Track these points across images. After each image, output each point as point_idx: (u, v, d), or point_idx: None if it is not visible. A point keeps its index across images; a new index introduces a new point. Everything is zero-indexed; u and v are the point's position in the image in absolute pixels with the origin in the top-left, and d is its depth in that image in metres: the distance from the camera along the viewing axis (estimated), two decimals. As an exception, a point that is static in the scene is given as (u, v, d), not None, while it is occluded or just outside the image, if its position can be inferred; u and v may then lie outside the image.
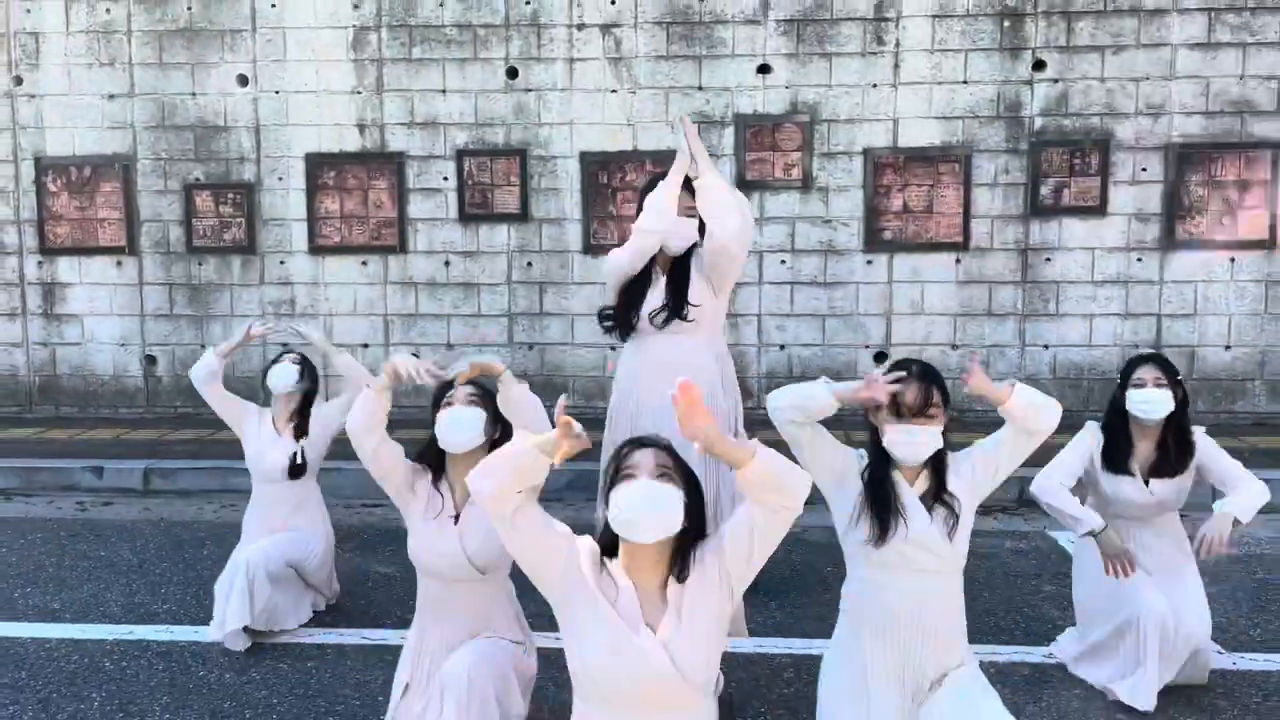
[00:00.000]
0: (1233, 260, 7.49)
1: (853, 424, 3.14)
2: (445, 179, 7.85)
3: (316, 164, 7.88)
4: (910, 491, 2.72)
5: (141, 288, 8.10)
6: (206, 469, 6.50)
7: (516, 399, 2.94)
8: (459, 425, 2.90)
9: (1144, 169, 7.47)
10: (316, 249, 7.95)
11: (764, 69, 7.63)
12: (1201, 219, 7.46)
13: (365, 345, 8.00)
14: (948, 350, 7.70)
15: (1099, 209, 7.50)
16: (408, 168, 7.85)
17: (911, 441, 2.66)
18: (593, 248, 7.75)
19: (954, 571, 2.75)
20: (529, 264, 7.86)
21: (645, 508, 2.16)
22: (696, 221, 3.63)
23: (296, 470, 4.26)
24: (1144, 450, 3.51)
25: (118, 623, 4.31)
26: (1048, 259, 7.58)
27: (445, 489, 3.01)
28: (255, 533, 4.30)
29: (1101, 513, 3.44)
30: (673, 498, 2.18)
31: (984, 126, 7.55)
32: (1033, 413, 2.72)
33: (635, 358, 3.81)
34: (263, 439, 4.32)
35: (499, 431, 2.96)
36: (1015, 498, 5.86)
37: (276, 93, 7.88)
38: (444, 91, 7.80)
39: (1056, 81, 7.49)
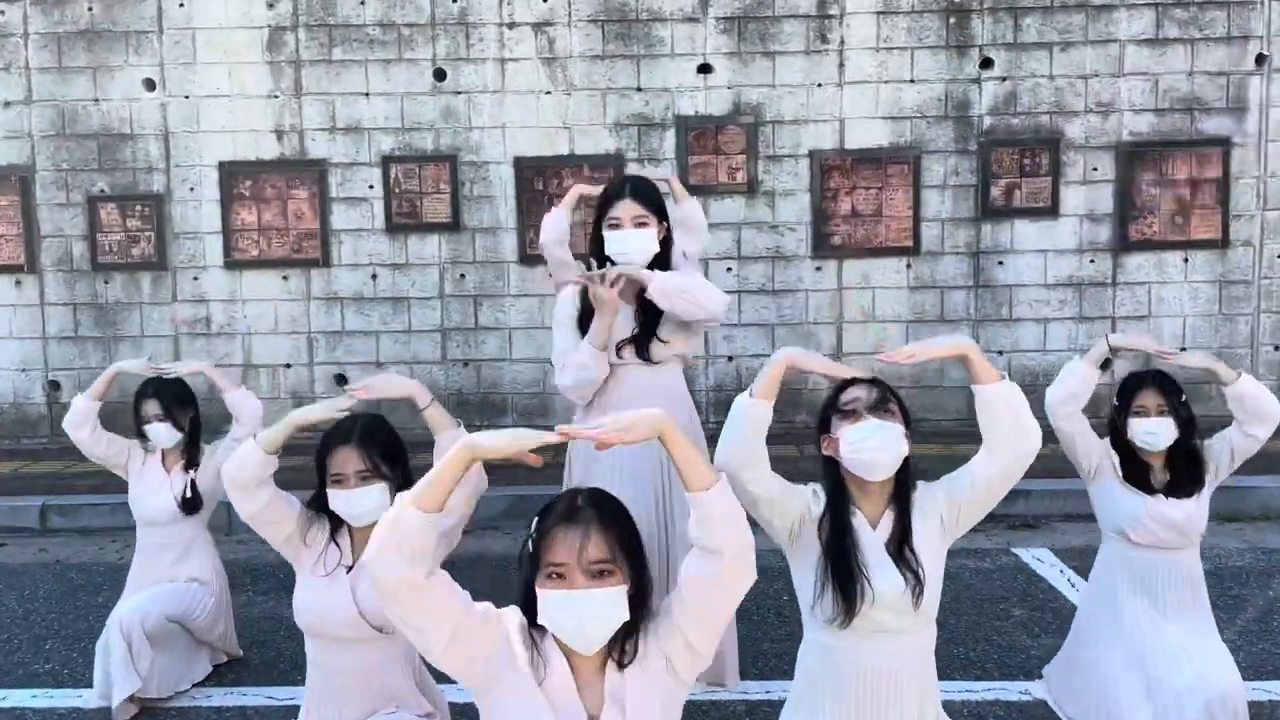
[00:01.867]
0: (1186, 260, 7.33)
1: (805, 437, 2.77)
2: (370, 187, 7.41)
3: (231, 173, 7.39)
4: (874, 541, 2.37)
5: (43, 308, 7.54)
6: (111, 505, 5.95)
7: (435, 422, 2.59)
8: (358, 507, 2.53)
9: (1095, 168, 7.28)
10: (233, 263, 7.45)
11: (705, 69, 7.32)
12: (1154, 219, 7.29)
13: (288, 365, 7.52)
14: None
15: (1050, 210, 7.30)
16: (330, 176, 7.40)
17: (871, 444, 2.30)
18: (529, 258, 7.36)
19: (925, 628, 2.40)
20: (462, 276, 7.45)
21: (580, 621, 1.79)
22: (653, 232, 3.20)
23: (190, 504, 3.79)
24: (1155, 469, 3.21)
25: (-9, 687, 3.82)
26: (1000, 262, 7.35)
27: (345, 541, 2.61)
28: (140, 583, 3.83)
29: (1121, 536, 3.14)
30: (612, 603, 1.79)
31: (932, 126, 7.31)
32: (1015, 411, 2.36)
33: (600, 390, 3.32)
34: (146, 480, 3.85)
35: (402, 485, 2.57)
36: (977, 513, 5.56)
37: (186, 97, 7.39)
38: (367, 95, 7.37)
39: (1005, 80, 7.27)
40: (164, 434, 3.79)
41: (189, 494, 3.79)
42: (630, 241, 3.14)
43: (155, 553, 3.82)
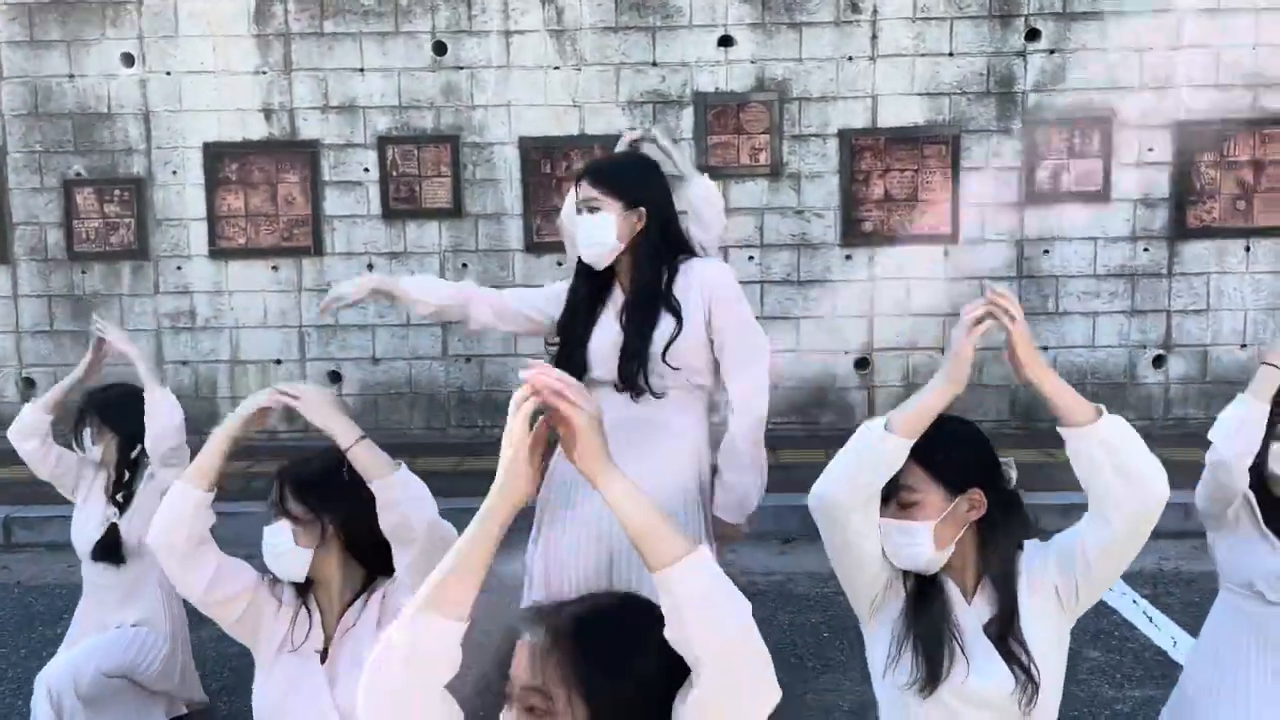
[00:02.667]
0: (1248, 249, 6.77)
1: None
2: (366, 170, 6.89)
3: (216, 155, 6.88)
4: (970, 621, 1.85)
5: (16, 300, 7.05)
6: (79, 517, 5.49)
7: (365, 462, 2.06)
8: (269, 548, 2.05)
9: (1150, 149, 6.72)
10: (219, 252, 6.94)
11: (726, 41, 6.76)
12: (1214, 203, 6.73)
13: (278, 361, 7.02)
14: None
15: (1101, 194, 6.74)
16: (322, 158, 6.88)
17: (892, 543, 1.84)
18: (536, 246, 6.83)
19: None
20: (464, 265, 6.93)
21: None
22: (609, 217, 2.54)
23: (105, 550, 3.18)
24: None
25: (-81, 744, 3.34)
26: (1045, 251, 6.81)
27: (314, 608, 2.10)
28: (84, 627, 3.32)
29: (1252, 592, 2.58)
30: None
31: (973, 104, 6.75)
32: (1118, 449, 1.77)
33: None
34: (88, 509, 3.32)
35: (349, 533, 2.08)
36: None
37: (168, 74, 6.87)
38: (362, 70, 6.84)
39: (1052, 53, 6.71)
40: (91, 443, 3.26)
41: (105, 537, 3.18)
42: (582, 230, 2.55)
43: (96, 592, 3.30)
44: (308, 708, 2.01)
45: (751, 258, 6.87)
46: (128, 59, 6.90)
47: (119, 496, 3.23)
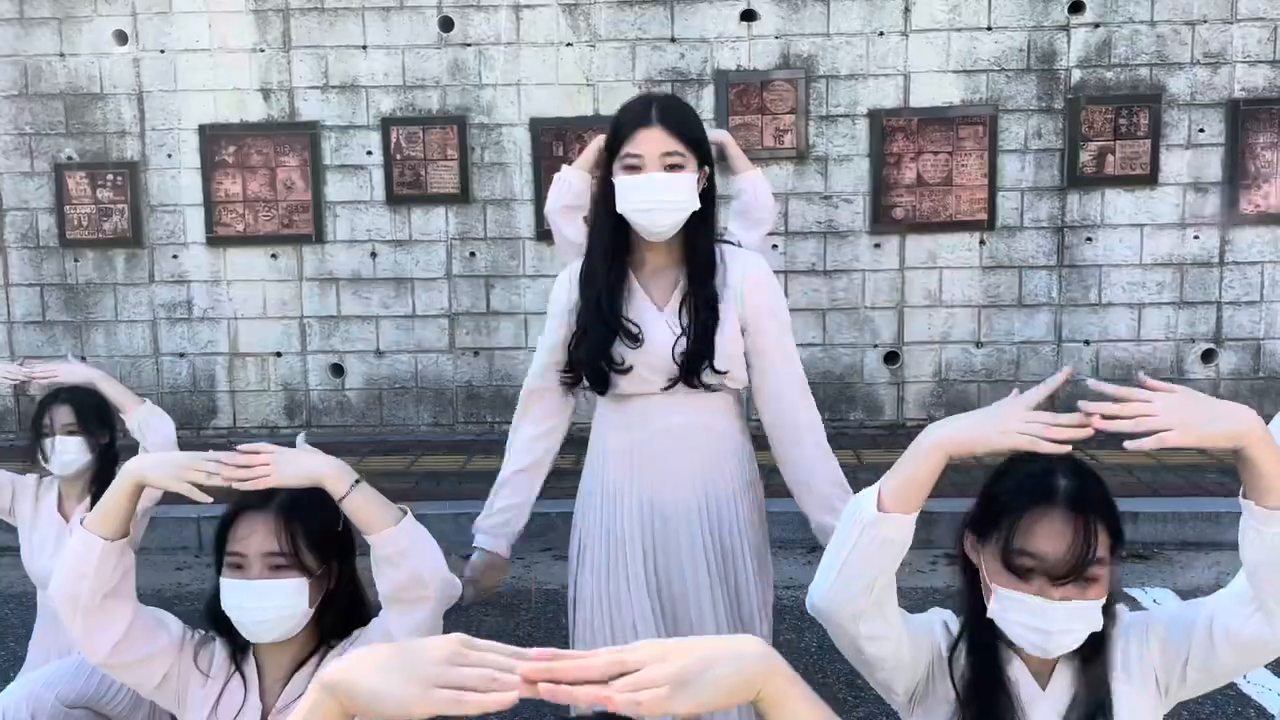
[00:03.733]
0: (1306, 237, 6.36)
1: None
2: (369, 153, 6.58)
3: (213, 137, 6.58)
4: (1038, 697, 1.50)
5: (7, 290, 6.79)
6: (63, 520, 5.22)
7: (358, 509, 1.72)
8: (256, 606, 1.69)
9: (1201, 129, 6.32)
10: (216, 239, 6.65)
11: (749, 16, 6.40)
12: (1269, 188, 6.34)
13: (278, 354, 6.73)
14: (971, 349, 6.52)
15: (1149, 178, 6.36)
16: (323, 140, 6.57)
17: (1045, 628, 1.44)
18: (547, 233, 6.47)
19: None
20: (472, 254, 6.61)
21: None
22: (691, 179, 2.08)
23: None
24: None
25: None
26: (1088, 238, 6.43)
27: (251, 673, 1.76)
28: (44, 653, 3.00)
29: None
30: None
31: (1012, 81, 6.36)
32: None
33: (613, 430, 2.26)
34: (41, 531, 2.99)
35: (332, 596, 1.74)
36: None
37: (162, 52, 6.57)
38: (364, 48, 6.52)
39: (1097, 26, 6.31)
40: (72, 452, 2.86)
41: None
42: (657, 191, 2.05)
43: (57, 620, 2.98)
44: None
45: (775, 246, 6.50)
46: (120, 37, 6.60)
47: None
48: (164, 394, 6.67)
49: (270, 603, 1.68)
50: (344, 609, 1.77)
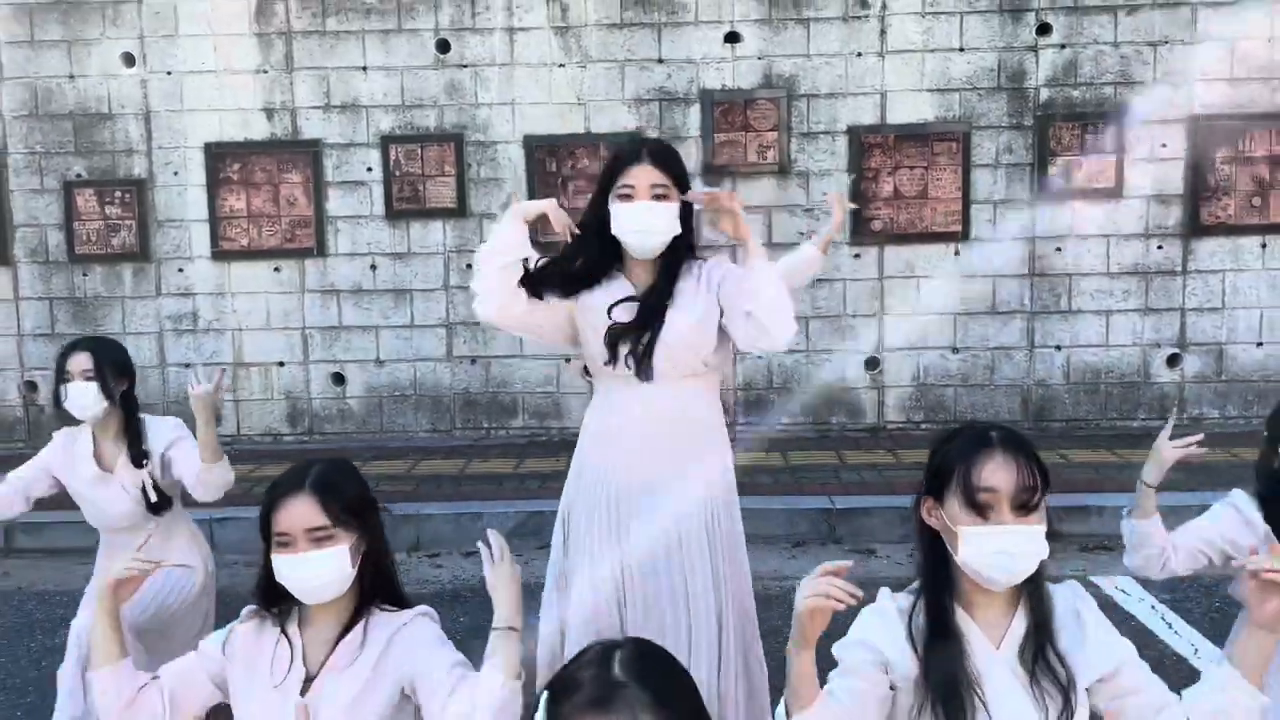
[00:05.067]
0: (1264, 246, 6.66)
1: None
2: (369, 170, 6.81)
3: (218, 155, 6.81)
4: (993, 654, 1.76)
5: (17, 303, 6.99)
6: (78, 523, 5.38)
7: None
8: (312, 583, 1.93)
9: (1164, 145, 6.62)
10: (221, 254, 6.87)
11: (733, 38, 6.68)
12: (1229, 200, 6.63)
13: (281, 364, 6.95)
14: (947, 354, 6.80)
15: (1114, 191, 6.64)
16: (325, 158, 6.80)
17: (1010, 550, 1.69)
18: (542, 245, 6.73)
19: None
20: (468, 266, 6.85)
21: None
22: (675, 207, 2.44)
23: (157, 506, 3.16)
24: None
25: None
26: (1057, 248, 6.71)
27: (296, 635, 2.00)
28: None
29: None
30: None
31: (983, 100, 6.65)
32: None
33: (605, 413, 2.57)
34: (87, 479, 3.20)
35: (367, 553, 1.99)
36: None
37: (168, 73, 6.80)
38: (364, 69, 6.77)
39: (1064, 47, 6.61)
40: (89, 396, 3.10)
41: (152, 496, 3.14)
42: (647, 218, 2.42)
43: (124, 550, 3.23)
44: None
45: (759, 257, 6.77)
46: (128, 59, 6.83)
47: (134, 459, 3.16)
48: (170, 403, 6.87)
49: (319, 570, 1.91)
50: (380, 566, 2.01)
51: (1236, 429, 6.58)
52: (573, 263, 2.53)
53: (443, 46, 6.76)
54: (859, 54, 6.66)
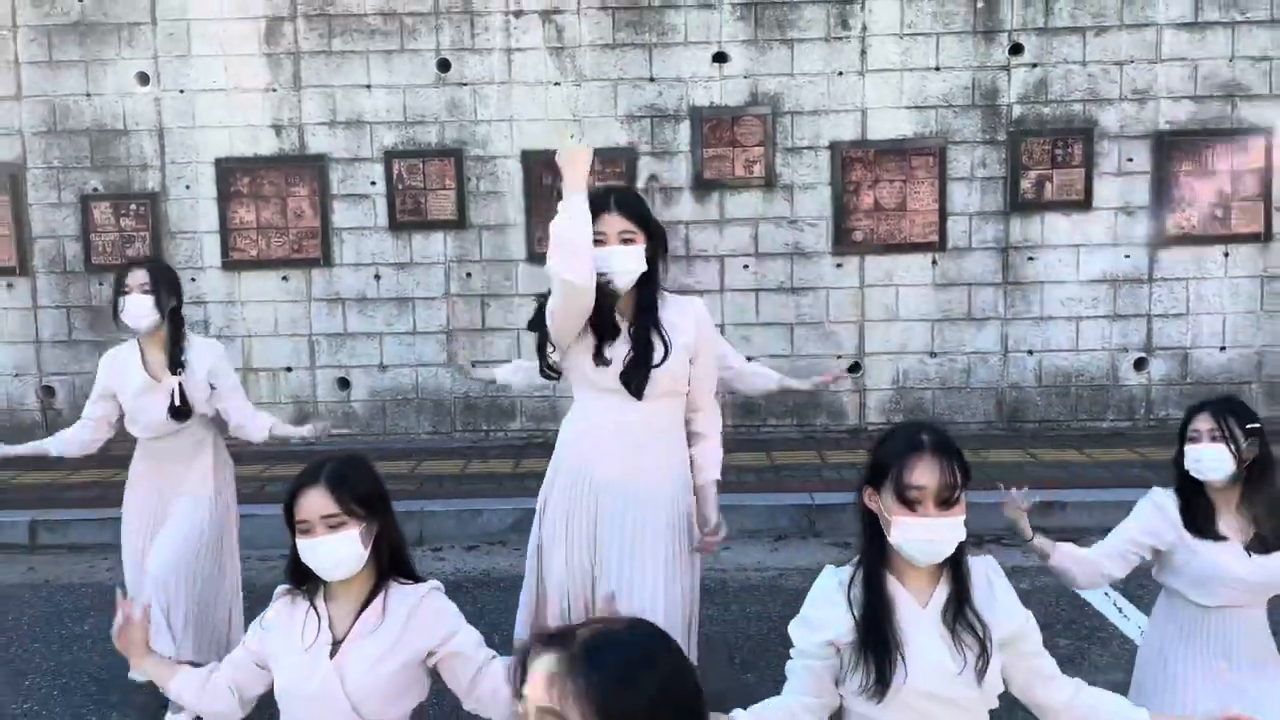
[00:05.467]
0: (1226, 255, 6.99)
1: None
2: (373, 183, 7.12)
3: (228, 170, 7.11)
4: (919, 614, 2.07)
5: (36, 311, 7.29)
6: (102, 520, 5.69)
7: None
8: (329, 562, 2.22)
9: (1130, 159, 6.94)
10: (231, 264, 7.18)
11: (720, 58, 7.00)
12: (1192, 211, 6.95)
13: (288, 369, 7.26)
14: (926, 359, 7.11)
15: (1084, 203, 6.97)
16: (331, 172, 7.12)
17: (934, 538, 2.00)
18: (538, 255, 7.05)
19: (982, 714, 2.09)
20: (468, 275, 7.16)
21: None
22: (641, 249, 2.78)
23: (179, 412, 3.57)
24: (1229, 520, 2.83)
25: (-37, 731, 3.57)
26: (1030, 258, 7.03)
27: (323, 607, 2.30)
28: (140, 493, 3.72)
29: (1190, 595, 2.81)
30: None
31: (959, 116, 6.98)
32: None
33: (586, 421, 2.94)
34: (136, 387, 3.60)
35: (380, 536, 2.29)
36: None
37: (181, 92, 7.11)
38: (369, 87, 7.08)
39: (1035, 66, 6.94)
40: (145, 309, 3.52)
41: (176, 401, 3.55)
42: (616, 260, 2.76)
43: (158, 458, 3.68)
44: (322, 697, 2.21)
45: (746, 266, 7.10)
46: (143, 78, 7.14)
47: (172, 365, 3.60)
48: (182, 407, 7.17)
49: (334, 551, 2.21)
50: (393, 547, 2.32)
51: (1200, 430, 6.90)
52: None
53: (443, 66, 7.07)
54: (840, 73, 6.98)
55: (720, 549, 3.21)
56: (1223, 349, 7.05)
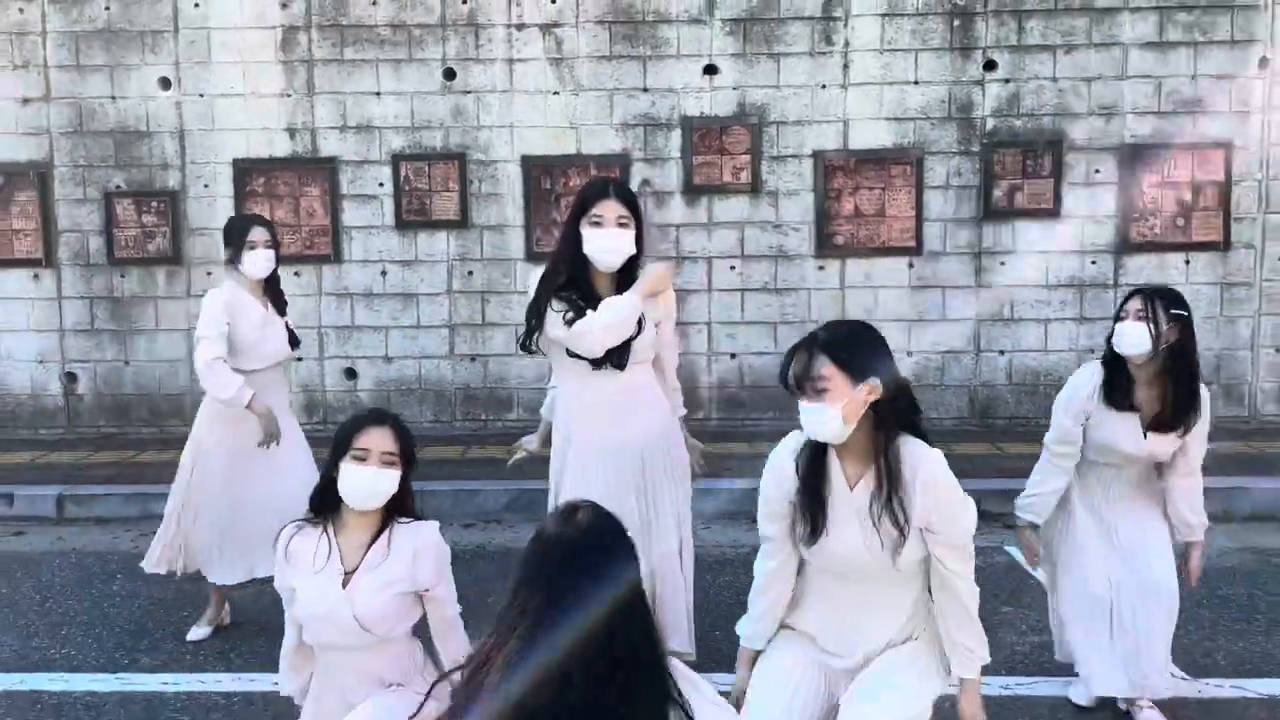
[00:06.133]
0: (1188, 262, 7.38)
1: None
2: (381, 185, 7.53)
3: (245, 170, 7.52)
4: (847, 494, 2.43)
5: (60, 302, 7.69)
6: (125, 495, 6.13)
7: None
8: (370, 489, 2.61)
9: (1097, 170, 7.34)
10: (246, 259, 7.57)
11: (710, 70, 7.40)
12: (1156, 220, 7.34)
13: (299, 359, 7.65)
14: (902, 357, 7.50)
15: (1053, 211, 7.35)
16: (341, 173, 7.52)
17: (809, 420, 2.36)
18: (535, 255, 7.46)
19: (906, 583, 2.48)
20: (470, 272, 7.56)
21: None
22: (633, 234, 3.24)
23: (295, 341, 4.44)
24: (1144, 395, 3.23)
25: (9, 670, 3.97)
26: (1002, 262, 7.42)
27: (333, 540, 2.70)
28: (248, 429, 4.18)
29: (1089, 453, 3.30)
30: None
31: (936, 128, 7.37)
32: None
33: (581, 393, 3.34)
34: (257, 320, 4.21)
35: (404, 481, 2.69)
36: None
37: (201, 96, 7.52)
38: (378, 94, 7.49)
39: (1008, 82, 7.33)
40: (270, 261, 4.24)
41: (293, 333, 4.43)
42: (612, 240, 3.19)
43: (272, 390, 4.27)
44: (333, 617, 2.60)
45: (733, 267, 7.50)
46: (165, 82, 7.55)
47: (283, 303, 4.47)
48: (198, 395, 7.54)
49: (377, 483, 2.60)
50: (406, 493, 2.72)
51: (1160, 427, 7.29)
52: (557, 275, 3.26)
53: (449, 74, 7.48)
54: (824, 86, 7.38)
55: (700, 527, 3.80)
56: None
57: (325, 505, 2.70)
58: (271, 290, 4.35)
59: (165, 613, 4.56)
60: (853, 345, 2.37)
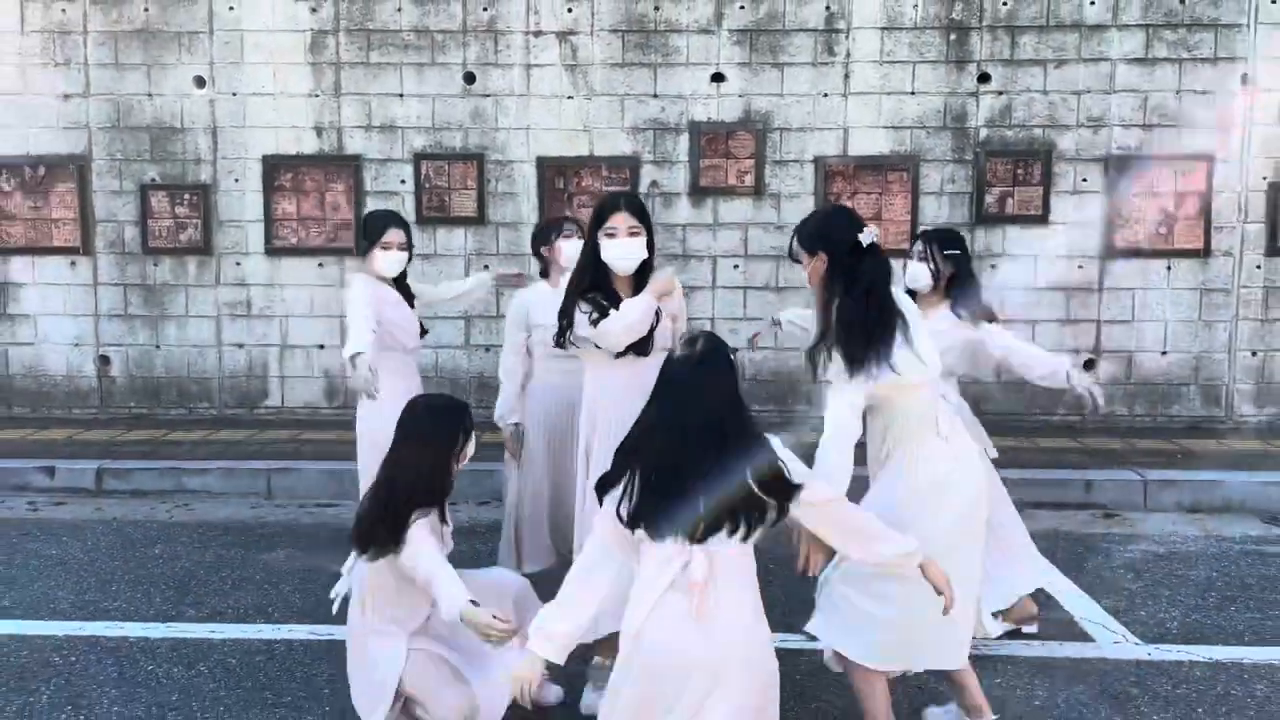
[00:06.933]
0: (1169, 268, 7.73)
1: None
2: (403, 182, 7.91)
3: (273, 166, 7.91)
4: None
5: (96, 288, 8.09)
6: (160, 469, 6.51)
7: None
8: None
9: (1085, 179, 7.69)
10: (273, 250, 7.97)
11: (718, 78, 7.77)
12: (1140, 228, 7.70)
13: (321, 346, 8.04)
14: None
15: (1041, 218, 7.71)
16: (365, 170, 7.90)
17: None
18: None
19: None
20: (485, 266, 7.93)
21: None
22: (644, 240, 3.62)
23: (423, 330, 4.82)
24: (934, 318, 4.03)
25: (68, 619, 4.35)
26: (992, 266, 7.78)
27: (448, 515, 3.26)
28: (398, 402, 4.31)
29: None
30: None
31: (931, 136, 7.74)
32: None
33: (608, 380, 3.70)
34: (395, 305, 4.64)
35: None
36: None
37: (233, 95, 7.91)
38: (402, 95, 7.87)
39: (1001, 94, 7.70)
40: (402, 261, 4.64)
41: (421, 324, 4.81)
42: (625, 248, 3.58)
43: (411, 374, 4.74)
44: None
45: (736, 266, 7.87)
46: (199, 81, 7.94)
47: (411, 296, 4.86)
48: (225, 378, 7.99)
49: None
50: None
51: (1143, 425, 7.68)
52: (583, 281, 3.66)
53: (469, 78, 7.86)
54: (825, 94, 7.75)
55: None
56: (1164, 353, 7.79)
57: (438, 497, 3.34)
58: (399, 283, 4.71)
59: (206, 573, 4.94)
60: (804, 223, 3.24)
